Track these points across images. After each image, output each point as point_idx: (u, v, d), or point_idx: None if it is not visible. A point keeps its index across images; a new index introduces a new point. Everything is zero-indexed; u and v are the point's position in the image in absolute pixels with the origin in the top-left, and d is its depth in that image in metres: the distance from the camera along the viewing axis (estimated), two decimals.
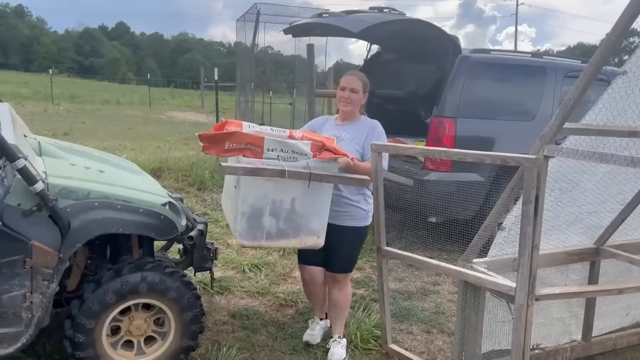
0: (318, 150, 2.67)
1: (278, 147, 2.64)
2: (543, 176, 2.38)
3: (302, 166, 2.68)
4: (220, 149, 2.59)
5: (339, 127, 3.16)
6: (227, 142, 2.58)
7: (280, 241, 2.83)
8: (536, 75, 5.43)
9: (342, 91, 3.10)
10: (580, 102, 2.27)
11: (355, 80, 3.11)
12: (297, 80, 13.47)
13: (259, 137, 2.59)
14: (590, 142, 2.70)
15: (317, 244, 2.87)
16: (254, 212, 2.71)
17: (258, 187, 2.66)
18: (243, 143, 2.59)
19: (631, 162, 2.07)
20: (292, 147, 2.65)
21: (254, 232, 2.74)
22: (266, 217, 2.71)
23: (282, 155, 2.65)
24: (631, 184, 3.12)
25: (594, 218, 3.24)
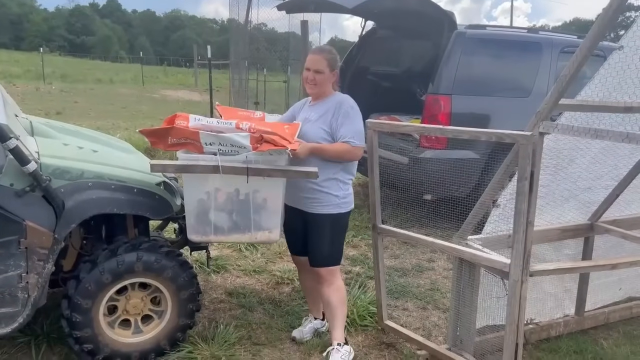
0: (257, 142, 2.53)
1: (215, 141, 2.52)
2: (538, 153, 2.37)
3: (241, 160, 2.55)
4: (165, 144, 2.53)
5: (310, 108, 2.94)
6: (169, 137, 2.51)
7: (232, 236, 2.73)
8: (532, 51, 5.39)
9: (307, 72, 2.86)
10: (576, 78, 2.26)
11: (320, 59, 2.81)
12: (292, 58, 13.34)
13: (193, 131, 2.49)
14: (585, 118, 2.70)
15: (270, 239, 2.76)
16: (199, 207, 2.64)
17: (201, 183, 2.60)
18: (183, 138, 2.50)
19: (626, 137, 2.07)
20: (229, 140, 2.52)
21: (202, 227, 2.67)
22: (212, 212, 2.64)
23: (223, 149, 2.54)
24: (625, 160, 3.12)
25: (589, 194, 3.25)
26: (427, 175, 4.76)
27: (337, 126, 2.78)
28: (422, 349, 3.06)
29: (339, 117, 2.78)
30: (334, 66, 2.85)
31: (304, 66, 2.88)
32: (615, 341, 3.32)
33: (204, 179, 2.59)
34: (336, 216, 2.85)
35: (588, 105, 2.51)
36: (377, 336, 3.27)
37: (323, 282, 2.93)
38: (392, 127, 3.42)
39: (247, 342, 3.12)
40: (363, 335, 3.28)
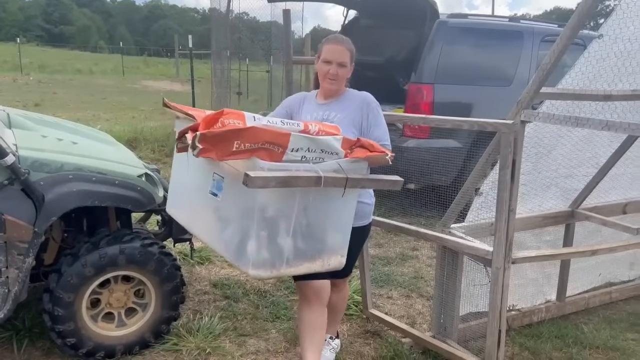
0: (350, 147, 2.12)
1: (305, 146, 1.98)
2: (520, 141, 2.39)
3: (333, 169, 2.05)
4: (226, 151, 1.85)
5: (322, 106, 2.51)
6: (236, 142, 1.85)
7: (301, 266, 2.14)
8: (513, 40, 5.42)
9: (327, 65, 2.43)
10: (556, 67, 2.28)
11: (343, 50, 2.44)
12: (274, 47, 13.26)
13: (283, 133, 1.93)
14: (566, 107, 2.73)
15: (341, 263, 2.24)
16: (271, 231, 2.00)
17: (278, 199, 1.98)
18: (259, 142, 1.89)
19: (606, 125, 2.10)
20: (321, 144, 2.02)
21: (272, 258, 2.02)
22: (284, 237, 2.03)
23: (308, 156, 2.00)
24: (605, 148, 3.17)
25: (569, 182, 3.29)
26: (410, 164, 4.79)
27: (368, 128, 2.46)
28: (406, 336, 3.08)
29: (370, 118, 2.47)
30: (353, 58, 2.52)
31: (322, 58, 2.45)
32: (595, 325, 3.39)
33: (282, 195, 1.97)
34: (367, 227, 2.62)
35: (568, 93, 2.54)
36: (362, 325, 3.29)
37: (334, 290, 2.66)
38: None
39: (232, 333, 3.12)
40: (348, 324, 3.30)
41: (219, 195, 2.05)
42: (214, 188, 2.08)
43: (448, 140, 5.07)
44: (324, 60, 2.45)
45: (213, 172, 2.05)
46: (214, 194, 2.07)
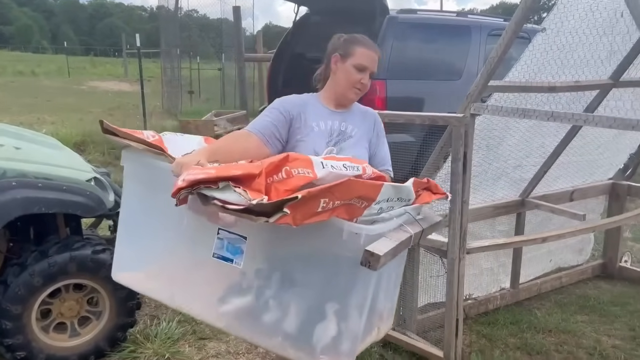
0: (420, 188, 1.82)
1: (389, 196, 1.65)
2: (470, 134, 2.44)
3: (406, 220, 1.71)
4: (308, 213, 1.41)
5: (337, 115, 2.05)
6: (323, 200, 1.43)
7: (365, 340, 1.72)
8: (461, 35, 5.53)
9: (360, 73, 1.98)
10: (503, 60, 2.33)
11: (377, 59, 2.04)
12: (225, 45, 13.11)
13: (376, 185, 1.59)
14: (513, 99, 2.80)
15: (388, 328, 1.93)
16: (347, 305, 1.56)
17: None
18: (351, 198, 1.52)
19: (551, 116, 2.16)
20: (403, 192, 1.71)
21: (347, 339, 1.56)
22: (362, 310, 1.59)
23: (384, 207, 1.65)
24: (552, 138, 3.27)
25: (519, 172, 3.38)
26: None
27: (375, 147, 2.14)
28: None
29: (380, 136, 2.17)
30: None
31: (353, 62, 1.98)
32: (548, 310, 3.50)
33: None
34: None
35: (515, 86, 2.61)
36: None
37: None
38: None
39: (191, 337, 3.06)
40: None
41: (236, 261, 1.56)
42: (223, 250, 1.58)
43: (402, 134, 5.12)
44: (358, 66, 1.98)
45: (218, 228, 1.54)
46: (225, 258, 1.57)
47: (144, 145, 1.70)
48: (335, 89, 2.04)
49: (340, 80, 2.01)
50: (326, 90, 2.08)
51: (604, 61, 2.89)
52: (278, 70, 6.40)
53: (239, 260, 1.56)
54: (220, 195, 1.37)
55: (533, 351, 2.97)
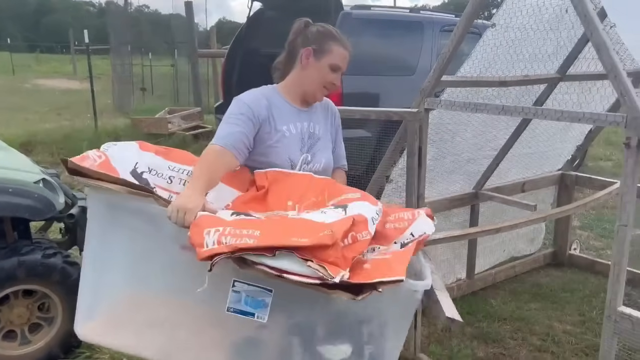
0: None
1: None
2: (425, 128, 2.48)
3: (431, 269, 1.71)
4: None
5: (304, 114, 1.94)
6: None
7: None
8: (414, 31, 5.60)
9: (334, 73, 1.90)
10: (455, 56, 2.37)
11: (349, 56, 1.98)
12: (178, 41, 12.87)
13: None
14: (465, 93, 2.86)
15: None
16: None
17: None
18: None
19: (502, 110, 2.22)
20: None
21: None
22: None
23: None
24: (503, 131, 3.36)
25: (472, 165, 3.46)
26: None
27: (334, 143, 2.08)
28: None
29: (338, 130, 2.10)
30: None
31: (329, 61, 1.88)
32: (503, 299, 3.60)
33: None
34: None
35: (467, 80, 2.66)
36: None
37: None
38: None
39: None
40: None
41: (259, 315, 1.41)
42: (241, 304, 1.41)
43: (358, 130, 5.16)
44: (333, 66, 1.88)
45: (233, 280, 1.40)
46: (245, 312, 1.41)
47: (127, 188, 1.51)
48: (303, 86, 1.90)
49: (312, 78, 1.88)
50: (291, 85, 1.92)
51: (551, 56, 2.98)
52: (232, 67, 6.33)
53: (263, 314, 1.41)
54: (274, 264, 1.30)
55: (489, 339, 3.05)
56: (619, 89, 1.73)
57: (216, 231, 1.34)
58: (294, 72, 1.92)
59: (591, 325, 3.17)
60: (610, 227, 4.71)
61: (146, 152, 1.79)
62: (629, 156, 1.73)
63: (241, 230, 1.35)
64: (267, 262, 1.30)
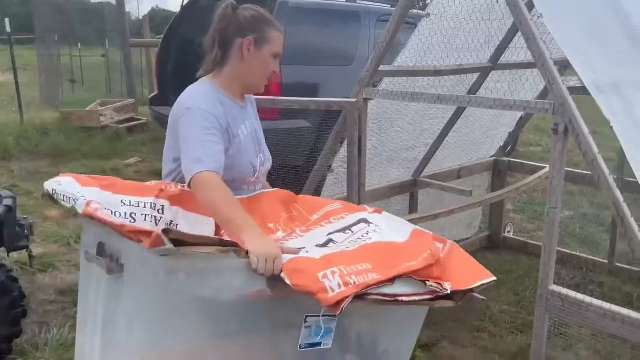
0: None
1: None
2: (364, 118, 2.50)
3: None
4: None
5: (245, 111, 1.87)
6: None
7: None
8: (352, 20, 5.63)
9: (276, 60, 1.81)
10: (391, 45, 2.40)
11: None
12: (109, 30, 12.38)
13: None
14: (403, 83, 2.90)
15: None
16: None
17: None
18: None
19: (438, 99, 2.26)
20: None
21: None
22: None
23: None
24: (439, 119, 3.44)
25: (411, 152, 3.52)
26: None
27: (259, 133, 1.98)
28: None
29: (258, 119, 2.00)
30: None
31: (271, 49, 1.78)
32: None
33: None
34: None
35: (404, 70, 2.70)
36: None
37: None
38: None
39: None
40: None
41: (325, 343, 1.42)
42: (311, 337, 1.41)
43: (298, 120, 5.14)
44: (275, 54, 1.79)
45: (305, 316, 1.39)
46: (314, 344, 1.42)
47: (221, 248, 1.32)
48: (245, 78, 1.77)
49: (256, 69, 1.76)
50: (229, 79, 1.76)
51: (483, 45, 3.08)
52: (167, 57, 6.15)
53: (328, 340, 1.43)
54: (390, 291, 1.35)
55: (430, 323, 3.12)
56: (546, 77, 1.80)
57: (333, 272, 1.31)
58: (231, 64, 1.75)
59: (525, 304, 3.31)
60: (541, 209, 4.94)
61: (89, 187, 1.59)
62: (556, 141, 1.81)
63: (355, 266, 1.36)
64: (385, 291, 1.34)
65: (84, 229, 1.65)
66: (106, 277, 1.44)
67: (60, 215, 4.63)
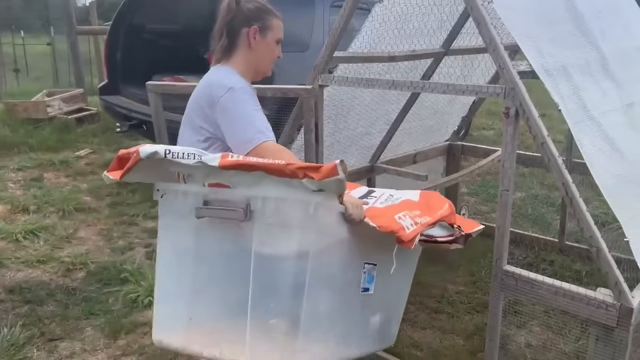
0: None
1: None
2: (320, 105, 2.49)
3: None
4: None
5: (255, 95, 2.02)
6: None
7: None
8: (306, 6, 5.58)
9: (278, 46, 2.01)
10: (345, 31, 2.39)
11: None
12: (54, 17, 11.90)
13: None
14: (357, 69, 2.90)
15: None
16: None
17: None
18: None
19: (392, 85, 2.27)
20: None
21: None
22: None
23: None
24: (394, 105, 3.46)
25: (367, 139, 3.54)
26: None
27: None
28: None
29: None
30: None
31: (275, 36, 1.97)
32: None
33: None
34: None
35: (358, 56, 2.70)
36: None
37: None
38: (176, 89, 3.25)
39: (39, 339, 2.80)
40: None
41: (371, 289, 1.65)
42: (365, 282, 1.63)
43: None
44: (278, 40, 1.98)
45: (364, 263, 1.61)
46: (366, 289, 1.64)
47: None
48: (255, 65, 1.94)
49: (264, 56, 1.94)
50: (244, 66, 1.91)
51: (436, 31, 3.10)
52: (116, 44, 5.96)
53: (372, 286, 1.64)
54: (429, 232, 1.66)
55: None
56: (497, 61, 1.83)
57: (404, 215, 1.62)
58: (241, 53, 1.91)
59: (481, 284, 3.40)
60: (494, 192, 5.07)
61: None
62: (508, 125, 1.84)
63: (412, 212, 1.67)
64: (428, 232, 1.64)
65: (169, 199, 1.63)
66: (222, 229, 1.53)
67: (7, 210, 4.45)
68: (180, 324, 1.59)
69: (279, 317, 1.47)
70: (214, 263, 1.56)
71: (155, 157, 1.46)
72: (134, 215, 4.49)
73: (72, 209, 4.55)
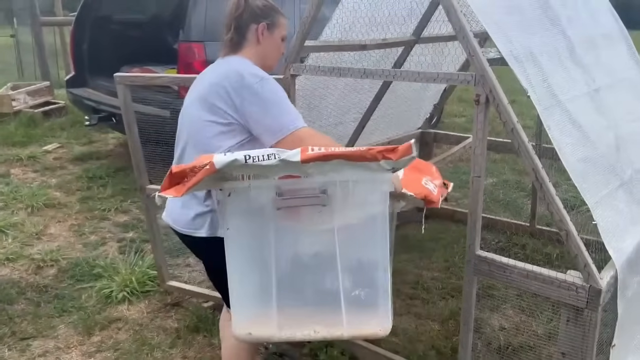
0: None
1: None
2: (292, 94, 2.47)
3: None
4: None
5: None
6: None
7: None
8: None
9: (283, 42, 2.09)
10: (316, 20, 2.37)
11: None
12: (17, 8, 11.54)
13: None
14: (329, 58, 2.89)
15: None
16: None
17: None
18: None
19: (364, 74, 2.27)
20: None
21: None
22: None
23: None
24: (367, 94, 3.46)
25: (341, 128, 3.54)
26: None
27: None
28: (208, 300, 3.07)
29: None
30: None
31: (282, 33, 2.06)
32: None
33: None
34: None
35: (330, 45, 2.69)
36: (161, 299, 3.17)
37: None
38: (145, 80, 3.20)
39: (10, 339, 2.75)
40: (146, 301, 3.14)
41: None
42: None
43: None
44: (284, 37, 2.07)
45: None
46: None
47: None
48: (264, 60, 2.01)
49: (272, 52, 2.04)
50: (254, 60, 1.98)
51: (406, 19, 3.11)
52: (82, 36, 5.82)
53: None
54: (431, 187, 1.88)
55: None
56: (467, 49, 1.84)
57: (426, 180, 1.88)
58: (250, 48, 1.99)
59: (455, 269, 3.45)
60: (466, 178, 5.12)
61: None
62: (478, 112, 1.86)
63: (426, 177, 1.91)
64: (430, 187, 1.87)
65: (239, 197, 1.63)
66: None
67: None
68: (268, 314, 1.66)
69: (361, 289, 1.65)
70: (295, 250, 1.66)
71: (234, 165, 1.47)
72: (106, 210, 4.42)
73: (42, 204, 4.46)
